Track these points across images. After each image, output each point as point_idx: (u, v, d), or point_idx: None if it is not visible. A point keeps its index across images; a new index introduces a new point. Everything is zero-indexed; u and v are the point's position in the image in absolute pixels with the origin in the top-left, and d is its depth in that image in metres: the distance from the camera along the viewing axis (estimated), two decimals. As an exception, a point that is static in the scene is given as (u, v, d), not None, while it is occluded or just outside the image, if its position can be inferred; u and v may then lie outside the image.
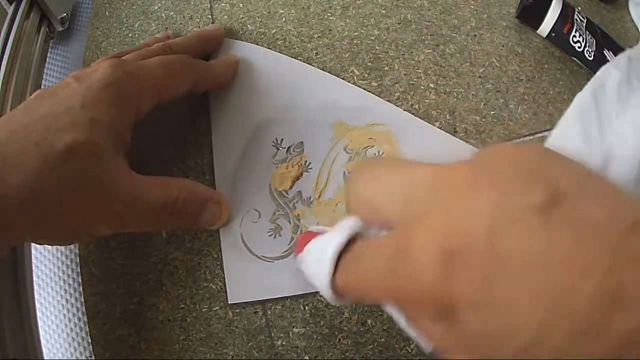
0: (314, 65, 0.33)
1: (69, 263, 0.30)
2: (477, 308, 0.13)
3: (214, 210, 0.28)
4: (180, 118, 0.32)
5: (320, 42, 0.34)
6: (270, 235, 0.29)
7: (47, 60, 0.38)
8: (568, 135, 0.24)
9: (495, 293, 0.13)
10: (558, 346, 0.12)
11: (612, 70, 0.25)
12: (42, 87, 0.36)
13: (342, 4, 0.35)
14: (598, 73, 0.26)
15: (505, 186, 0.13)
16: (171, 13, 0.36)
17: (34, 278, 0.30)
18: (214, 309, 0.28)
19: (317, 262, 0.18)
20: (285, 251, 0.29)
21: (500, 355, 0.13)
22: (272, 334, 0.28)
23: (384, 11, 0.35)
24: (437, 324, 0.14)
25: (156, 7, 0.37)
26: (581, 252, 0.12)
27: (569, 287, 0.12)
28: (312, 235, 0.19)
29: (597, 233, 0.12)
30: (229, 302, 0.28)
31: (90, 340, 0.29)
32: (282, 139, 0.31)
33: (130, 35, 0.36)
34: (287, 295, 0.28)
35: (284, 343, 0.27)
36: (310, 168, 0.30)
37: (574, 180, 0.14)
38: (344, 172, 0.30)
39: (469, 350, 0.14)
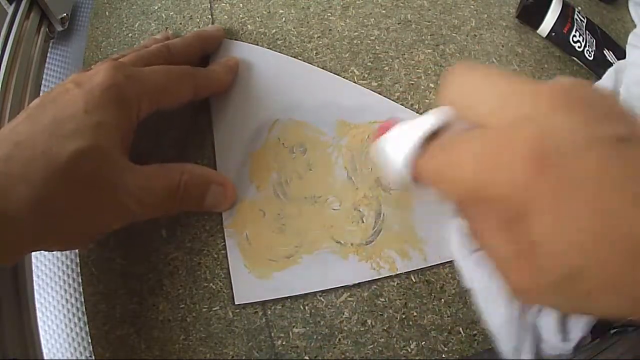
0: (314, 65, 0.33)
1: (69, 263, 0.30)
2: (547, 216, 0.14)
3: (218, 192, 0.28)
4: (182, 119, 0.32)
5: (320, 42, 0.34)
6: (275, 235, 0.29)
7: (47, 60, 0.38)
8: None
9: (566, 207, 0.14)
10: (616, 272, 0.13)
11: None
12: (42, 87, 0.36)
13: (342, 4, 0.35)
14: None
15: (593, 113, 0.15)
16: (171, 13, 0.36)
17: (34, 278, 0.30)
18: (214, 309, 0.28)
19: (398, 145, 0.19)
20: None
21: (551, 268, 0.14)
22: (272, 334, 0.28)
23: (384, 11, 0.35)
24: (501, 231, 0.16)
25: (156, 7, 0.37)
26: None
27: (633, 215, 0.13)
28: (393, 121, 0.20)
29: None
30: (236, 303, 0.28)
31: (90, 340, 0.28)
32: (285, 139, 0.30)
33: (130, 35, 0.36)
34: (293, 294, 0.28)
35: (284, 343, 0.27)
36: (312, 167, 0.30)
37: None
38: (346, 170, 0.30)
39: (522, 257, 0.15)
